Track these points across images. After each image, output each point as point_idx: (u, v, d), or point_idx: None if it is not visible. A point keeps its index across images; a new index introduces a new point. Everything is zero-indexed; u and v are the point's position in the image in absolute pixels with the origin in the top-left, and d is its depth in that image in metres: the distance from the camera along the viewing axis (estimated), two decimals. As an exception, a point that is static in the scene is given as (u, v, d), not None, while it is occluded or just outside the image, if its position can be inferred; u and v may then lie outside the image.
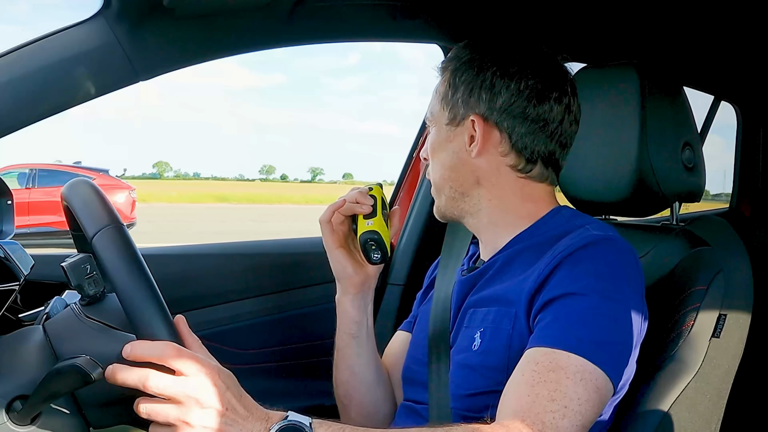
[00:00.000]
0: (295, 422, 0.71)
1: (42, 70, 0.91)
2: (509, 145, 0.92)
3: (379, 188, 1.03)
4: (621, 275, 0.83)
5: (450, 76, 0.95)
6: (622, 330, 0.81)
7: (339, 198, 1.02)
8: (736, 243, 1.02)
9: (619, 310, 0.81)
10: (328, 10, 1.13)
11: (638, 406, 0.91)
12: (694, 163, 1.09)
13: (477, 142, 0.92)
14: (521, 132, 0.91)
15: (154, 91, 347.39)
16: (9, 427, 0.73)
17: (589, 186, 1.10)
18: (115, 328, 0.79)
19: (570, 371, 0.76)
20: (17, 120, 0.90)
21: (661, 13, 1.38)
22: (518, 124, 0.91)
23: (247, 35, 1.10)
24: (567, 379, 0.76)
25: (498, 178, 0.93)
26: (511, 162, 0.93)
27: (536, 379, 0.76)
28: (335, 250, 1.03)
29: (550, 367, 0.77)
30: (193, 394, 0.69)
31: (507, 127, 0.91)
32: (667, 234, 1.08)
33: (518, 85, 0.91)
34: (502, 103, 0.91)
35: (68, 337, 0.80)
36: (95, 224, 0.74)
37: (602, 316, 0.80)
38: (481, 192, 0.94)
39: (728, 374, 0.95)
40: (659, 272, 1.03)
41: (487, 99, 0.91)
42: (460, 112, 0.93)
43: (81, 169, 10.29)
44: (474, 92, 0.92)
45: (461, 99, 0.93)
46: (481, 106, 0.92)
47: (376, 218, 0.98)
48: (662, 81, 1.07)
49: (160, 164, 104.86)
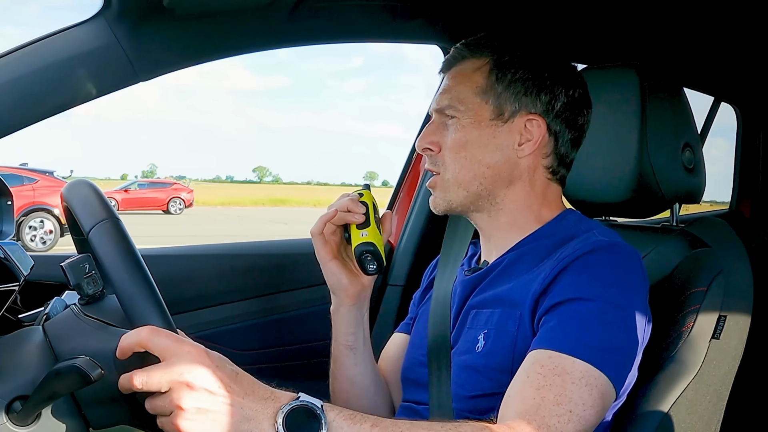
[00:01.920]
0: (306, 403, 0.69)
1: (42, 70, 0.91)
2: (552, 148, 0.93)
3: (369, 193, 1.00)
4: (627, 281, 0.83)
5: (494, 69, 0.92)
6: (627, 336, 0.81)
7: (329, 207, 0.99)
8: (736, 244, 1.02)
9: (624, 316, 0.81)
10: (328, 11, 1.13)
11: (638, 407, 0.91)
12: (694, 164, 1.09)
13: (535, 141, 0.92)
14: (567, 138, 0.94)
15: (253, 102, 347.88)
16: (9, 427, 0.73)
17: (589, 187, 1.10)
18: (113, 325, 0.79)
19: (575, 376, 0.76)
20: (17, 120, 0.90)
21: (662, 14, 1.38)
22: (566, 130, 0.93)
23: (248, 36, 1.10)
24: (572, 384, 0.75)
25: (532, 179, 0.94)
26: (548, 164, 0.94)
27: (541, 383, 0.76)
28: (329, 262, 1.00)
29: (556, 371, 0.76)
30: (180, 377, 0.66)
31: (558, 130, 0.93)
32: (667, 235, 1.08)
33: (573, 93, 0.93)
34: (559, 107, 0.92)
35: (68, 338, 0.80)
36: (91, 219, 0.74)
37: (608, 323, 0.80)
38: (509, 192, 0.94)
39: (728, 375, 0.94)
40: (659, 273, 1.03)
41: (547, 101, 0.91)
42: (510, 109, 0.91)
43: (25, 170, 9.92)
44: (531, 91, 0.91)
45: (514, 95, 0.91)
46: (538, 106, 0.91)
47: (370, 228, 0.95)
48: (662, 82, 1.07)
49: (260, 168, 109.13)
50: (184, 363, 0.67)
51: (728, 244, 1.02)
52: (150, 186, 21.20)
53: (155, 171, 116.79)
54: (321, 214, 1.01)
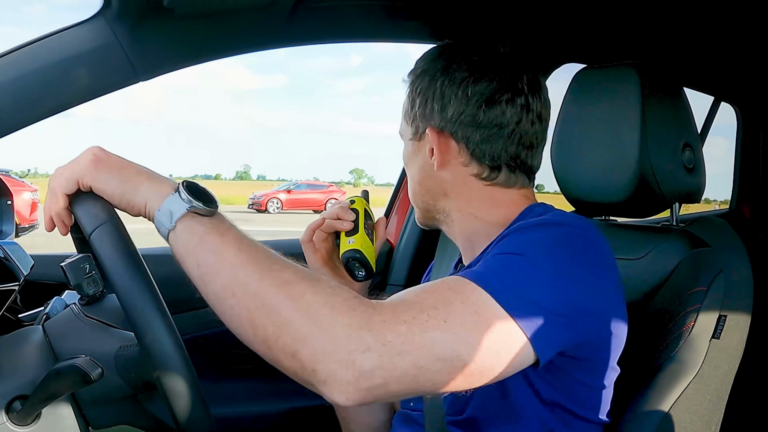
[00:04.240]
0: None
1: (42, 70, 0.91)
2: (468, 155, 0.89)
3: (362, 200, 1.01)
4: (563, 253, 0.76)
5: (409, 90, 0.93)
6: (552, 298, 0.72)
7: (319, 216, 1.00)
8: (736, 244, 1.02)
9: (550, 278, 0.73)
10: (328, 10, 1.13)
11: (638, 406, 0.91)
12: (694, 163, 1.09)
13: (441, 153, 0.89)
14: (477, 140, 0.88)
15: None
16: (8, 427, 0.73)
17: (589, 187, 1.10)
18: (113, 326, 0.79)
19: (469, 299, 0.69)
20: (17, 120, 0.90)
21: (661, 13, 1.38)
22: (472, 132, 0.88)
23: (248, 35, 1.10)
24: (461, 304, 0.68)
25: (465, 189, 0.90)
26: (475, 171, 0.89)
27: (431, 289, 0.71)
28: (319, 269, 1.01)
29: (453, 288, 0.71)
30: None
31: (462, 136, 0.88)
32: (667, 235, 1.08)
33: (465, 92, 0.87)
34: (453, 113, 0.88)
35: (68, 337, 0.80)
36: (93, 221, 0.74)
37: (527, 276, 0.73)
38: (451, 203, 0.92)
39: (728, 375, 0.95)
40: (659, 273, 1.03)
41: (439, 109, 0.88)
42: (420, 126, 0.91)
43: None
44: (428, 104, 0.89)
45: (419, 112, 0.91)
46: (435, 117, 0.89)
47: (358, 234, 0.96)
48: (662, 82, 1.07)
49: (357, 171, 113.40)
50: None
51: (728, 244, 1.02)
52: (309, 187, 24.06)
53: (249, 171, 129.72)
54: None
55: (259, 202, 22.35)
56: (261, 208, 21.96)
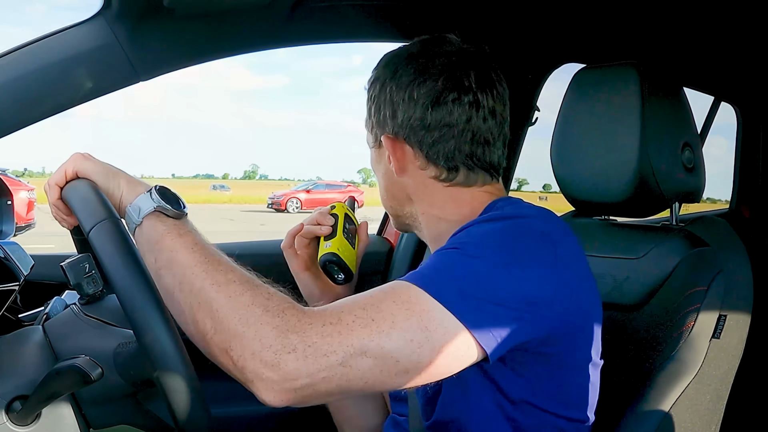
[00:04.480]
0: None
1: (42, 70, 0.91)
2: (424, 158, 0.88)
3: (343, 205, 1.02)
4: (503, 243, 0.76)
5: (366, 98, 0.93)
6: (487, 288, 0.72)
7: (299, 222, 1.01)
8: (736, 244, 1.02)
9: (483, 269, 0.73)
10: (328, 11, 1.13)
11: (638, 406, 0.91)
12: (694, 163, 1.09)
13: (397, 159, 0.89)
14: (429, 142, 0.87)
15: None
16: (8, 427, 0.73)
17: (588, 186, 1.10)
18: (114, 325, 0.79)
19: (400, 297, 0.70)
20: (17, 120, 0.90)
21: (661, 13, 1.38)
22: (423, 135, 0.87)
23: (248, 35, 1.10)
24: (392, 303, 0.69)
25: (426, 192, 0.90)
26: (433, 174, 0.89)
27: (367, 293, 0.72)
28: (301, 274, 1.02)
29: (385, 289, 0.72)
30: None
31: (415, 140, 0.87)
32: (667, 234, 1.08)
33: (412, 96, 0.86)
34: (402, 118, 0.87)
35: (68, 337, 0.80)
36: (92, 219, 0.74)
37: (461, 267, 0.73)
38: (416, 208, 0.92)
39: (728, 375, 0.95)
40: (659, 273, 1.03)
41: (390, 116, 0.88)
42: (379, 134, 0.91)
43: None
44: (381, 111, 0.89)
45: (374, 120, 0.91)
46: (388, 124, 0.89)
47: (336, 238, 0.97)
48: (662, 81, 1.07)
49: (365, 170, 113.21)
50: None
51: (728, 244, 1.02)
52: (328, 187, 25.13)
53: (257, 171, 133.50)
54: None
55: (279, 201, 22.93)
56: (281, 207, 22.57)
